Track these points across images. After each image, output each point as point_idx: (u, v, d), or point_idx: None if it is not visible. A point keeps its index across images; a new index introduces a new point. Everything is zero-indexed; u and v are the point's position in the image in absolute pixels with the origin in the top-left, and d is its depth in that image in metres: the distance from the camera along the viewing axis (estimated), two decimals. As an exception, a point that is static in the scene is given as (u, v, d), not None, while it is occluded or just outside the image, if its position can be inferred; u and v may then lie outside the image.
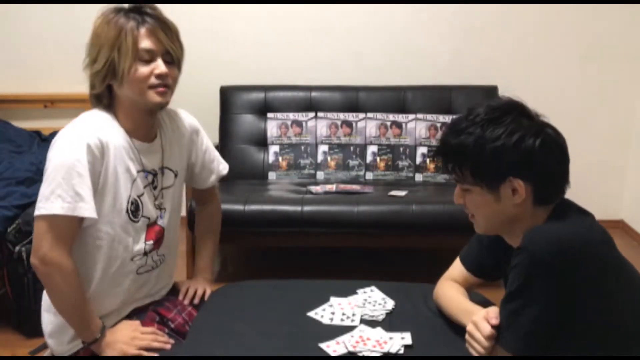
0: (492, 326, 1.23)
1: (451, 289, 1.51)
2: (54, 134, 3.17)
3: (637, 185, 3.51)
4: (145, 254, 1.62)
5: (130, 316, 1.64)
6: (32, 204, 2.47)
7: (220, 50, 3.48)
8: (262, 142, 3.31)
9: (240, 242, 3.08)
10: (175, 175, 1.69)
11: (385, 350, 1.37)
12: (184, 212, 2.78)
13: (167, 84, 1.52)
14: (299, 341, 1.43)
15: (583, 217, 1.26)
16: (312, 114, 3.31)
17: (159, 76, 1.49)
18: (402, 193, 2.91)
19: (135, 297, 1.66)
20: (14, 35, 3.39)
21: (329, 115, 3.30)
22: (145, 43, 1.48)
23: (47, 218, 1.45)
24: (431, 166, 3.27)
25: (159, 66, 1.49)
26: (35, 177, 2.68)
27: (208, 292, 1.78)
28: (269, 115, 3.31)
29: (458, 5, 3.39)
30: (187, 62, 1.58)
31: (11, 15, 3.37)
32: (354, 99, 3.34)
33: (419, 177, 3.27)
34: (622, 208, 3.65)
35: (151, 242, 1.63)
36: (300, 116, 3.30)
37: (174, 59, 1.53)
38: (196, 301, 1.74)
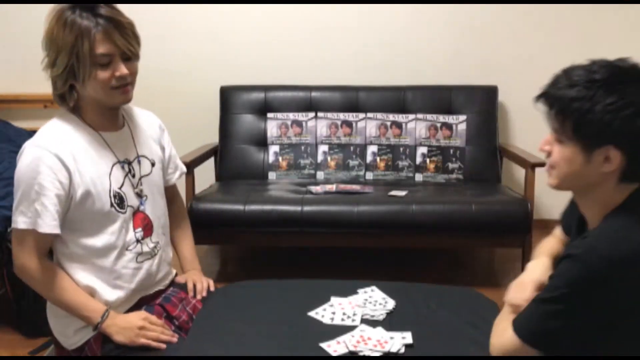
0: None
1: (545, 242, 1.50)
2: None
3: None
4: (138, 241, 1.64)
5: (138, 306, 1.65)
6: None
7: (220, 50, 3.48)
8: (262, 142, 3.31)
9: (240, 242, 3.08)
10: (152, 165, 1.72)
11: (386, 349, 1.37)
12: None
13: (128, 82, 1.56)
14: (299, 341, 1.43)
15: None
16: (312, 114, 3.31)
17: (119, 78, 1.52)
18: (402, 193, 2.91)
19: (144, 285, 1.68)
20: (14, 35, 3.39)
21: (329, 115, 3.30)
22: (102, 48, 1.49)
23: (16, 231, 1.53)
24: (431, 166, 3.27)
25: (119, 68, 1.52)
26: (35, 177, 2.68)
27: (211, 283, 1.81)
28: (269, 115, 3.31)
29: (458, 6, 3.39)
30: (187, 62, 1.58)
31: (11, 15, 3.37)
32: (354, 99, 3.34)
33: (419, 177, 3.27)
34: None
35: (140, 229, 1.65)
36: (300, 116, 3.30)
37: (131, 56, 1.56)
38: (204, 294, 1.77)
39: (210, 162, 3.32)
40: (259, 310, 1.59)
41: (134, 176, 1.65)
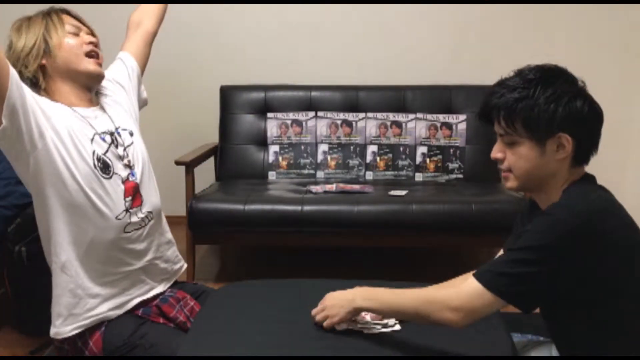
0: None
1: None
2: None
3: (638, 185, 3.51)
4: (127, 211, 1.63)
5: (137, 308, 1.66)
6: (32, 203, 2.49)
7: (220, 50, 3.48)
8: (262, 142, 3.31)
9: (240, 242, 3.08)
10: (131, 134, 1.73)
11: (383, 322, 1.44)
12: (183, 209, 2.80)
13: (98, 54, 1.65)
14: (299, 341, 1.43)
15: (605, 190, 1.36)
16: (312, 114, 3.31)
17: (90, 43, 1.62)
18: (402, 193, 2.91)
19: (147, 274, 1.69)
20: (13, 35, 3.39)
21: (329, 114, 3.30)
22: (70, 22, 1.64)
23: None
24: (431, 166, 3.27)
25: (89, 37, 1.64)
26: (35, 177, 2.68)
27: None
28: (269, 115, 3.31)
29: (458, 5, 3.39)
30: (187, 62, 1.58)
31: (11, 15, 3.37)
32: (354, 99, 3.34)
33: (418, 177, 3.27)
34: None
35: (129, 198, 1.64)
36: (300, 116, 3.30)
37: (95, 35, 1.67)
38: None
39: (210, 161, 3.32)
40: (258, 310, 1.59)
41: (117, 147, 1.65)
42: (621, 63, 3.46)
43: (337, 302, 1.44)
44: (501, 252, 1.59)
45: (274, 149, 3.29)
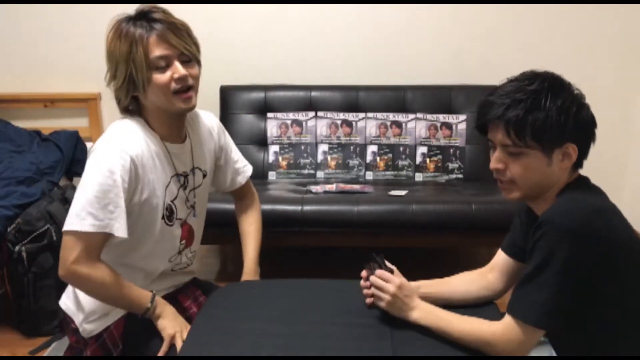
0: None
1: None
2: (54, 133, 3.18)
3: (638, 185, 3.51)
4: (179, 252, 1.67)
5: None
6: (32, 203, 2.49)
7: (220, 50, 3.47)
8: (262, 142, 3.31)
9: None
10: (204, 176, 1.73)
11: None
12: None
13: (189, 86, 1.53)
14: (299, 341, 1.43)
15: (598, 190, 1.38)
16: (312, 114, 3.31)
17: (179, 80, 1.50)
18: (402, 193, 2.91)
19: (167, 287, 1.72)
20: (14, 35, 3.39)
21: (329, 114, 3.30)
22: (157, 51, 1.48)
23: (76, 234, 1.45)
24: (431, 166, 3.27)
25: (177, 70, 1.49)
26: (35, 177, 2.68)
27: None
28: (269, 115, 3.31)
29: (458, 5, 3.39)
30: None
31: (11, 15, 3.37)
32: (354, 99, 3.34)
33: (418, 177, 3.27)
34: (622, 207, 3.64)
35: (184, 241, 1.67)
36: (300, 116, 3.30)
37: (190, 58, 1.53)
38: None
39: (210, 161, 3.32)
40: (258, 310, 1.59)
41: (185, 188, 1.65)
42: (621, 63, 3.46)
43: (398, 304, 1.44)
44: (499, 252, 1.59)
45: (274, 149, 3.29)
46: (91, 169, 1.47)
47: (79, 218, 1.44)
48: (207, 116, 1.80)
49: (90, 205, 1.43)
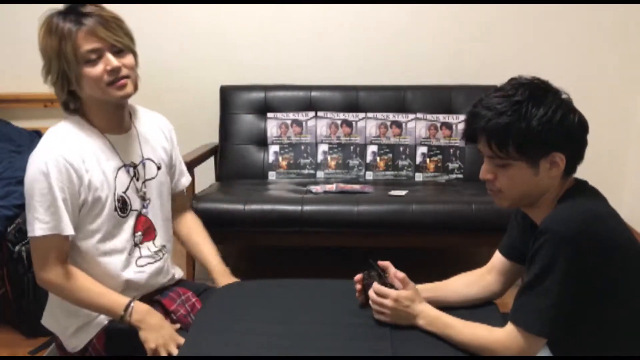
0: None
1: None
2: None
3: (638, 184, 3.51)
4: (136, 245, 1.65)
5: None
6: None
7: (220, 50, 3.47)
8: (262, 142, 3.31)
9: (240, 242, 3.08)
10: (158, 168, 1.72)
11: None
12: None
13: (124, 76, 1.52)
14: (298, 341, 1.43)
15: (597, 194, 1.36)
16: (312, 114, 3.31)
17: (112, 72, 1.50)
18: (402, 193, 2.91)
19: (146, 287, 1.70)
20: (13, 35, 3.39)
21: (329, 114, 3.30)
22: (87, 45, 1.48)
23: (33, 241, 1.52)
24: (431, 166, 3.27)
25: (110, 61, 1.49)
26: (35, 177, 2.68)
27: None
28: (269, 115, 3.31)
29: (458, 6, 3.39)
30: (187, 61, 1.57)
31: (11, 15, 3.37)
32: (354, 99, 3.34)
33: (418, 177, 3.27)
34: (622, 207, 3.65)
35: (140, 233, 1.66)
36: (300, 116, 3.30)
37: (122, 48, 1.53)
38: None
39: (210, 161, 3.32)
40: (257, 310, 1.58)
41: (138, 179, 1.65)
42: (621, 63, 3.46)
43: (401, 315, 1.44)
44: (497, 254, 1.59)
45: (274, 149, 3.29)
46: (27, 177, 1.51)
47: (30, 226, 1.51)
48: (157, 116, 1.81)
49: (35, 211, 1.49)
